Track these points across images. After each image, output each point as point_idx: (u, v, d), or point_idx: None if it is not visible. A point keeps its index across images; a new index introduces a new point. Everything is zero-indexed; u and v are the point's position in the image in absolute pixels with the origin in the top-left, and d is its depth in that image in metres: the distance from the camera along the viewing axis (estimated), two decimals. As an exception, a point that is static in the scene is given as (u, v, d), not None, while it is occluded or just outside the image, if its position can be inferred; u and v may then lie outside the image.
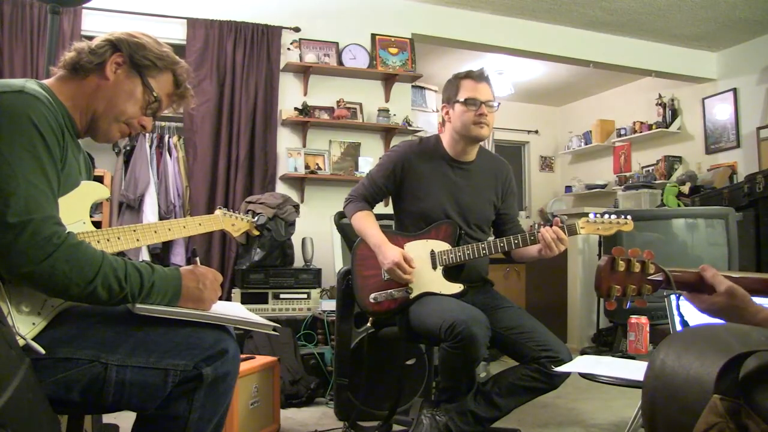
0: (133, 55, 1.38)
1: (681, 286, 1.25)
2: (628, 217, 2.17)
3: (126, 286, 1.21)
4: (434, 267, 2.25)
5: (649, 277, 1.27)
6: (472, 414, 2.10)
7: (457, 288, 2.23)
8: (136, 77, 1.39)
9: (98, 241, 1.38)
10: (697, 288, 1.21)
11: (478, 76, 2.31)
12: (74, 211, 1.33)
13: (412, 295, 2.24)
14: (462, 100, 2.28)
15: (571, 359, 2.12)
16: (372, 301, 2.27)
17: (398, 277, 2.21)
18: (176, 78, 1.45)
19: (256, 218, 1.92)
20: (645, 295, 1.29)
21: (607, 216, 2.16)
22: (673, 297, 1.99)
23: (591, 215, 2.16)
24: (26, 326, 1.18)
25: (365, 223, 2.34)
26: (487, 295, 2.37)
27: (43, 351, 1.15)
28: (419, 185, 2.36)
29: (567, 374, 2.09)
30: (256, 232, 1.95)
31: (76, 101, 1.36)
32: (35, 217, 1.13)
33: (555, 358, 2.10)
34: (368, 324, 2.40)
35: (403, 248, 2.26)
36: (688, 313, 2.03)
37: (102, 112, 1.38)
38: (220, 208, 1.81)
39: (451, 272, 2.27)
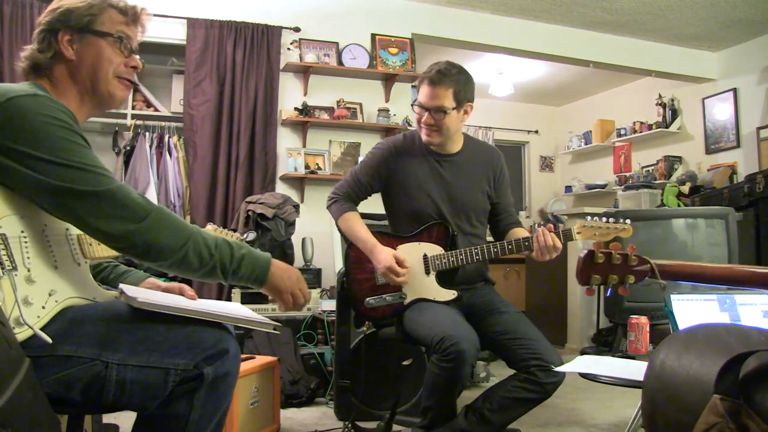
0: (72, 24, 1.35)
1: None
2: (628, 221, 2.06)
3: (215, 254, 1.26)
4: (427, 272, 2.22)
5: (633, 268, 1.32)
6: None
7: (451, 295, 2.19)
8: (91, 37, 1.37)
9: (90, 244, 1.38)
10: None
11: (431, 80, 2.20)
12: None
13: (406, 301, 2.21)
14: (414, 102, 2.23)
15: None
16: (367, 306, 2.24)
17: (392, 280, 2.18)
18: (118, 9, 1.41)
19: (245, 235, 1.98)
20: (627, 285, 1.38)
21: (605, 220, 2.06)
22: (672, 297, 1.98)
23: (588, 219, 2.06)
24: (31, 319, 1.18)
25: (353, 227, 2.31)
26: (485, 298, 2.31)
27: (50, 340, 1.15)
28: (407, 182, 2.30)
29: (559, 381, 2.03)
30: None
31: (65, 94, 1.35)
32: (120, 183, 1.22)
33: (545, 367, 2.02)
34: (364, 327, 2.40)
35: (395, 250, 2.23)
36: (682, 316, 2.03)
37: (92, 84, 1.37)
38: (211, 224, 1.87)
39: (445, 277, 2.22)
